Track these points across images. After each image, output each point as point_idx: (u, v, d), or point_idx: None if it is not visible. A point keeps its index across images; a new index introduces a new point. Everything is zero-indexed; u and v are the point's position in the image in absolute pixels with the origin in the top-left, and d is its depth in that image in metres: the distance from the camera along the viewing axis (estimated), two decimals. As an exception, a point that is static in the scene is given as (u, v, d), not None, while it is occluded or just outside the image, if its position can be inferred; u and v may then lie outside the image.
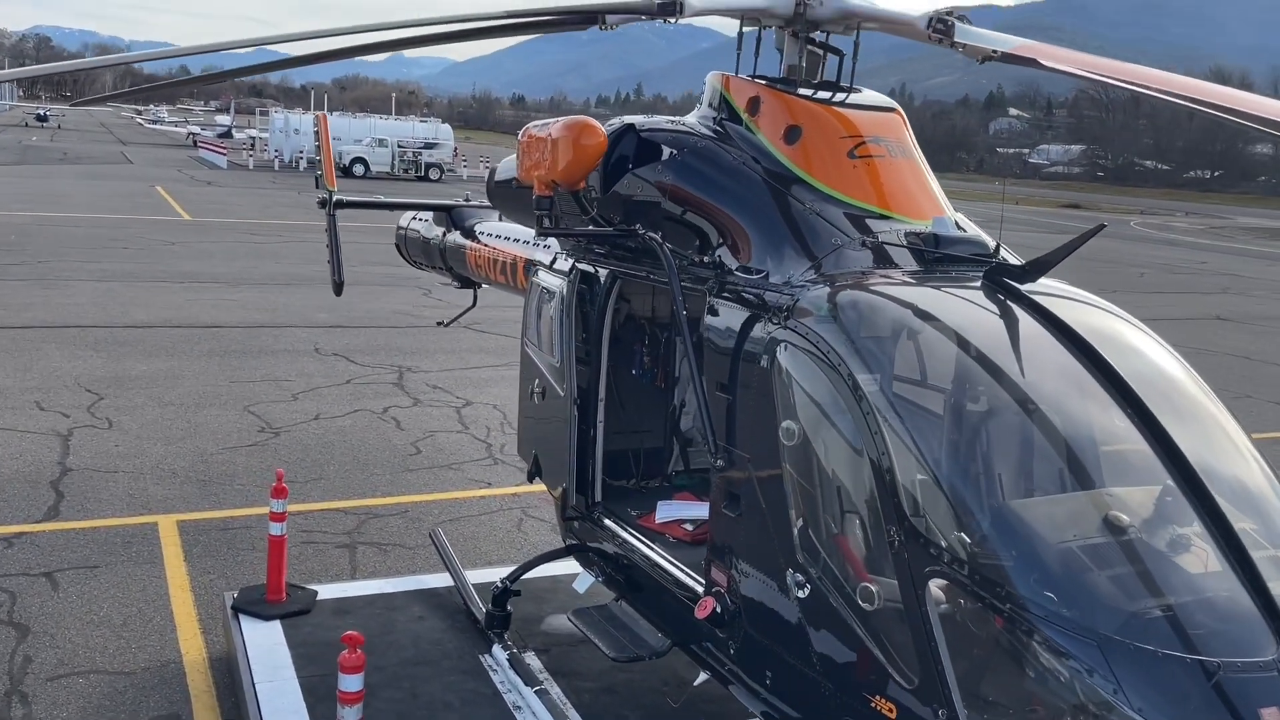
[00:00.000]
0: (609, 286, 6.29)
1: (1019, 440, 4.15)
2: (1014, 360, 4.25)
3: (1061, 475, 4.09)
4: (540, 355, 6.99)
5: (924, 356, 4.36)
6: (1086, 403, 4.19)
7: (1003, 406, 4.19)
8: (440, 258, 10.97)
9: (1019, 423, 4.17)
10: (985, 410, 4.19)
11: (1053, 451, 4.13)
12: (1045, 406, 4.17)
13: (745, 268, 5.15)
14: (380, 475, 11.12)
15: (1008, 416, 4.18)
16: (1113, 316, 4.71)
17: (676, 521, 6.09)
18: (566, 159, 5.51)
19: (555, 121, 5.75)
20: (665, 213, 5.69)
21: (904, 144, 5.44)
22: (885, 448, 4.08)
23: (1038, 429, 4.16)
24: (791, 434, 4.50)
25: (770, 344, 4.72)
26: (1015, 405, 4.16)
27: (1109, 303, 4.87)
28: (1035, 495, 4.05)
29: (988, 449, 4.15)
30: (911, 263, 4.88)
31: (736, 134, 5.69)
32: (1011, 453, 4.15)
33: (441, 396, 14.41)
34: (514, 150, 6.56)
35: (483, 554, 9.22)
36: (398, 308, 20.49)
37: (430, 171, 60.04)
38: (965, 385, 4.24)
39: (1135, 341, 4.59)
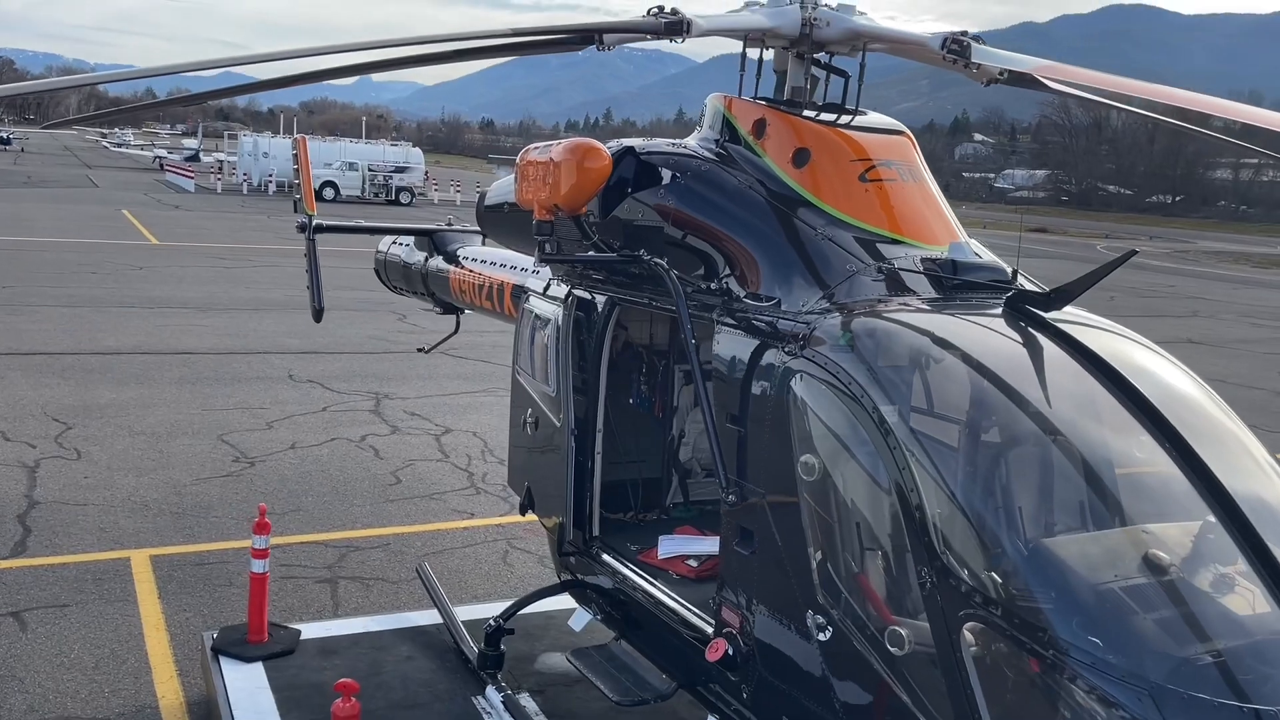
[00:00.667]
0: (607, 313, 6.10)
1: (1054, 474, 3.98)
2: (1045, 391, 4.10)
3: (1099, 510, 3.93)
4: (534, 384, 6.78)
5: (951, 388, 4.19)
6: (1121, 435, 4.04)
7: (1036, 439, 4.03)
8: (422, 283, 10.75)
9: (1053, 456, 4.00)
10: (1018, 443, 4.03)
11: (1089, 486, 3.97)
12: (1079, 439, 4.02)
13: (754, 294, 4.98)
14: (360, 506, 10.83)
15: (1041, 450, 4.02)
16: (1138, 345, 4.57)
17: (679, 557, 5.88)
18: (569, 183, 5.32)
19: (557, 144, 5.57)
20: (669, 238, 5.51)
21: (914, 167, 5.30)
22: (914, 483, 3.90)
23: (1072, 462, 3.99)
24: (811, 468, 4.32)
25: (785, 374, 4.54)
26: (1048, 438, 4.00)
27: (1130, 330, 4.74)
28: (1073, 532, 3.88)
29: (1022, 484, 3.98)
30: (929, 290, 4.73)
31: (741, 157, 5.54)
32: (1047, 488, 3.98)
33: (420, 424, 14.13)
34: (487, 175, 6.39)
35: (469, 588, 8.96)
36: (372, 333, 20.19)
37: (401, 195, 59.67)
38: (996, 417, 4.08)
39: (1163, 371, 4.45)
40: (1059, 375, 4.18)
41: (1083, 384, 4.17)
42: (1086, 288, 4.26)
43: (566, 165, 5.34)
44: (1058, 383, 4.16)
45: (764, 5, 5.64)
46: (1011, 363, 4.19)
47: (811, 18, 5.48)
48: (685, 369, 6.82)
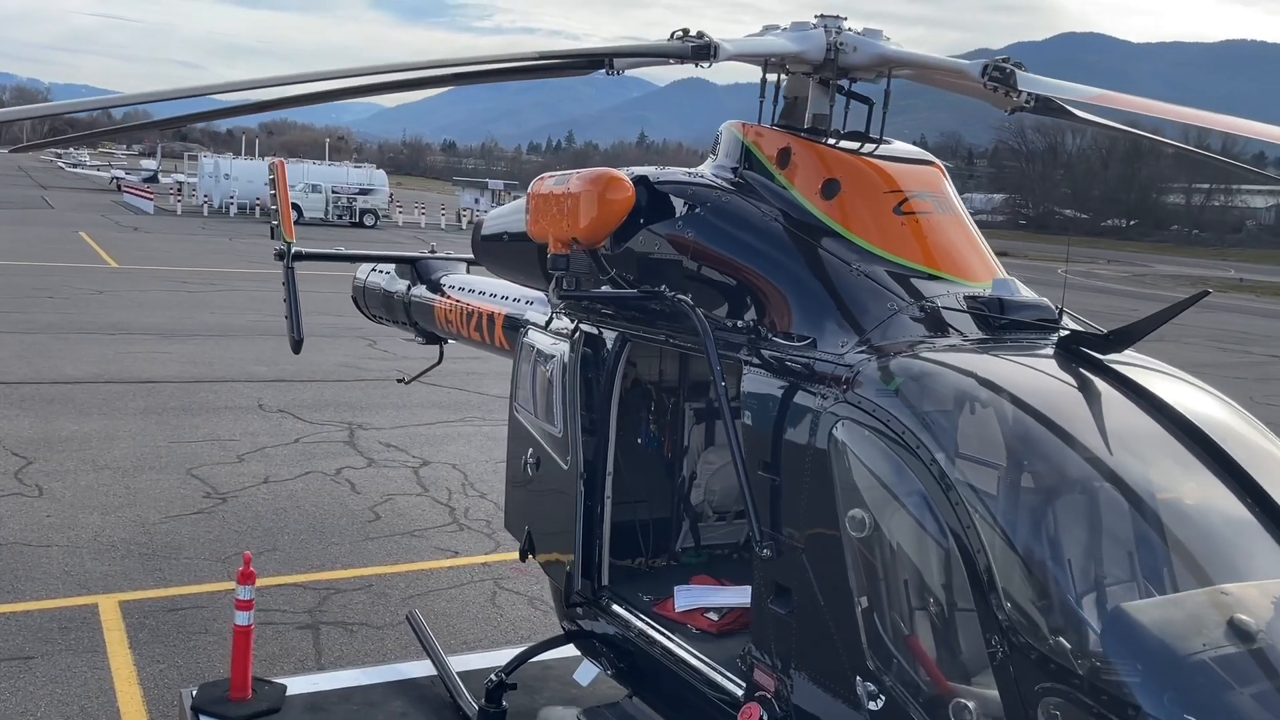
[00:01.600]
0: (618, 350, 5.79)
1: (1131, 531, 3.72)
2: (1114, 440, 3.84)
3: (1182, 569, 3.67)
4: (536, 423, 6.44)
5: (1014, 437, 3.92)
6: (1196, 486, 3.79)
7: (1110, 493, 3.76)
8: (404, 312, 10.38)
9: (1129, 511, 3.74)
10: (1092, 497, 3.76)
11: (1169, 542, 3.71)
12: (1154, 492, 3.76)
13: (785, 333, 4.70)
14: (339, 545, 10.39)
15: (1117, 504, 3.75)
16: (1197, 388, 4.34)
17: (698, 610, 5.55)
18: (590, 215, 5.02)
19: (575, 174, 5.27)
20: (689, 272, 5.22)
21: (948, 199, 5.06)
22: (980, 541, 3.62)
23: (1149, 517, 3.73)
24: (860, 523, 4.02)
25: (826, 420, 4.25)
26: (1123, 491, 3.74)
27: (1184, 372, 4.51)
28: (1157, 593, 3.61)
29: (1099, 541, 3.72)
30: (974, 330, 4.47)
31: (764, 188, 5.26)
32: (1125, 545, 3.72)
33: (396, 456, 13.70)
34: (451, 198, 6.07)
35: (458, 633, 8.57)
36: (342, 360, 19.71)
37: (365, 218, 59.04)
38: (1066, 469, 3.81)
39: (1227, 416, 4.21)
40: (1126, 422, 3.94)
41: (1151, 432, 3.93)
42: (1150, 330, 4.02)
43: (587, 196, 5.03)
44: (1125, 431, 3.92)
45: (786, 29, 5.39)
46: (1077, 410, 3.94)
47: (836, 42, 5.24)
48: (696, 407, 6.52)
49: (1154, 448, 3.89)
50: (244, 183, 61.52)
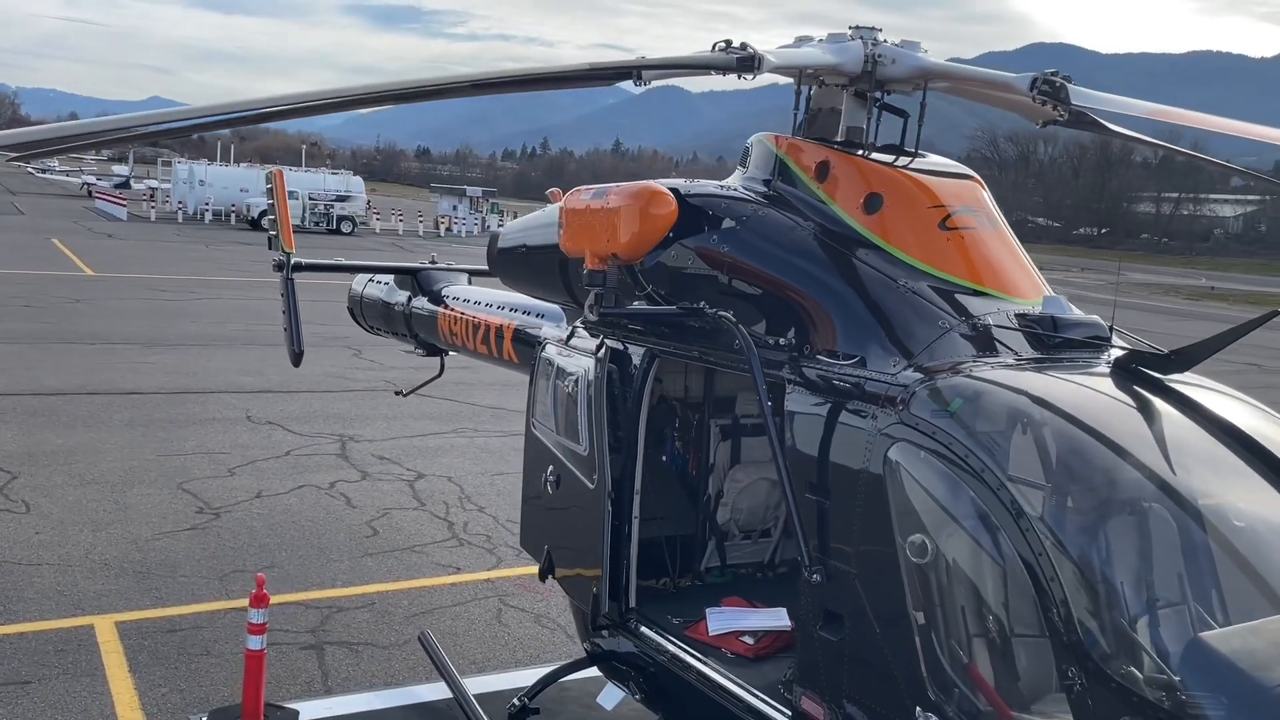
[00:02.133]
0: (646, 366, 5.66)
1: (1209, 558, 3.63)
2: (1185, 465, 3.76)
3: (1259, 595, 3.58)
4: (558, 441, 6.30)
5: (1083, 461, 3.83)
6: (1272, 512, 3.71)
7: (1185, 519, 3.67)
8: (405, 324, 10.22)
9: (1206, 538, 3.65)
10: (1167, 522, 3.67)
11: (1246, 567, 3.62)
12: (1231, 518, 3.68)
13: (831, 351, 4.59)
14: (338, 562, 10.18)
15: (1192, 531, 3.66)
16: (1260, 410, 4.26)
17: (733, 634, 5.42)
18: (631, 230, 4.89)
19: (614, 188, 5.13)
20: (729, 288, 5.10)
21: (991, 214, 4.98)
22: (1054, 570, 3.52)
23: (1226, 544, 3.65)
24: (922, 549, 3.91)
25: (880, 442, 4.14)
26: (1199, 518, 3.66)
27: (1239, 392, 4.43)
28: (1235, 621, 3.52)
29: (1177, 568, 3.62)
30: (1027, 348, 4.38)
31: (802, 202, 5.16)
32: (1204, 573, 3.63)
33: (391, 469, 13.48)
34: (429, 205, 5.88)
35: (465, 653, 8.38)
36: (328, 370, 19.43)
37: (342, 225, 58.55)
38: (1137, 494, 3.72)
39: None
40: (1194, 445, 3.86)
41: (1220, 455, 3.86)
42: (1215, 351, 3.94)
43: (628, 211, 4.90)
44: (1194, 453, 3.84)
45: (823, 40, 5.30)
46: (1144, 433, 3.85)
47: (874, 54, 5.15)
48: (722, 423, 6.40)
49: (1225, 471, 3.81)
50: (219, 189, 60.88)
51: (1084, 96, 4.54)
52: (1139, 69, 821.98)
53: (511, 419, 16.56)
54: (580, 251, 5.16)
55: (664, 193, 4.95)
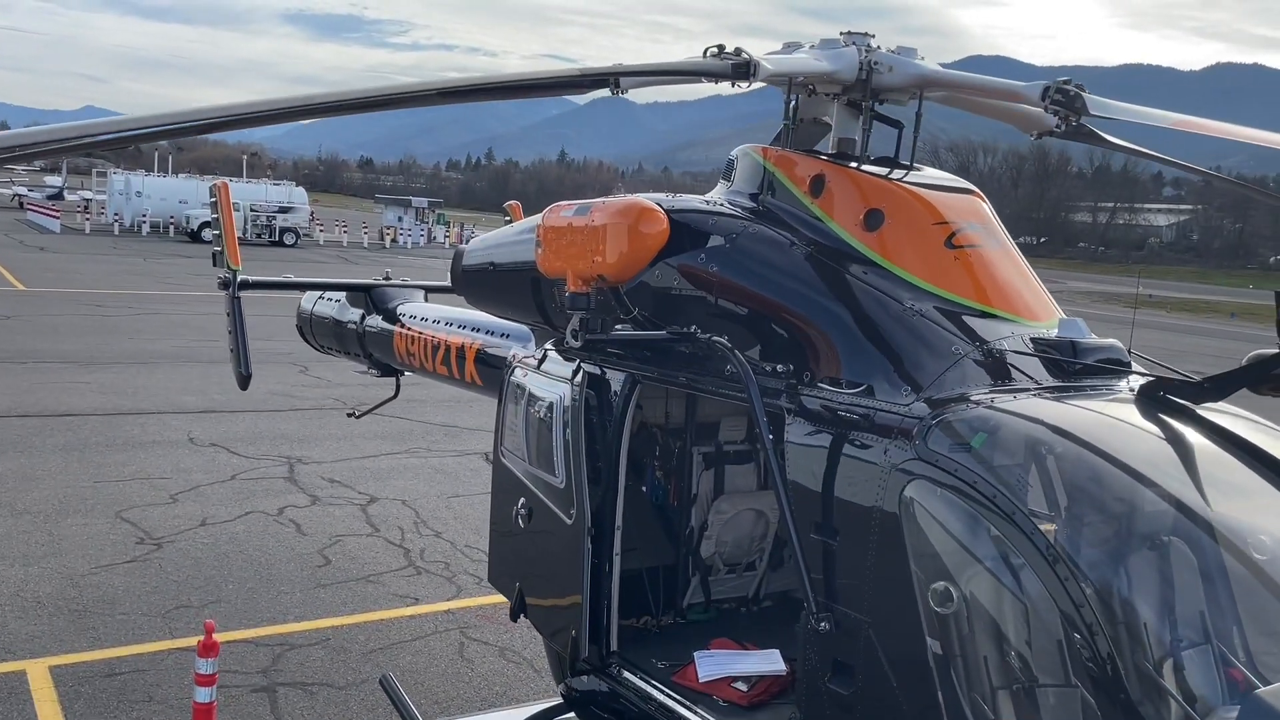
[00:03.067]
0: (627, 393, 5.30)
1: (1264, 603, 3.36)
2: (1230, 502, 3.51)
3: None
4: (530, 472, 5.91)
5: (1124, 501, 3.55)
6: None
7: (1239, 562, 3.40)
8: (358, 343, 9.75)
9: (1259, 582, 3.38)
10: (1217, 567, 3.40)
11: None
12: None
13: (834, 379, 4.27)
14: (289, 594, 9.67)
15: (1247, 574, 3.39)
16: (1275, 432, 4.01)
17: (725, 679, 5.07)
18: (619, 250, 4.53)
19: (599, 204, 4.77)
20: (720, 311, 4.77)
21: (996, 231, 4.70)
22: (1096, 621, 3.23)
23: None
24: (946, 597, 3.60)
25: (895, 480, 3.82)
26: (1251, 559, 3.39)
27: (1269, 421, 4.19)
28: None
29: (1232, 618, 3.36)
30: (1046, 376, 4.09)
31: (795, 219, 4.85)
32: (1258, 619, 3.36)
33: (341, 492, 12.96)
34: (373, 215, 5.47)
35: (428, 691, 7.94)
36: (273, 388, 18.79)
37: (285, 236, 57.41)
38: (1186, 536, 3.44)
39: None
40: (1236, 480, 3.61)
41: (1262, 489, 3.59)
42: (1251, 381, 3.68)
43: (616, 229, 4.54)
44: (1237, 489, 3.59)
45: (815, 47, 4.99)
46: (1184, 468, 3.58)
47: (870, 61, 4.86)
48: (704, 451, 6.06)
49: (1270, 508, 3.55)
50: (156, 200, 59.46)
51: (1102, 106, 4.28)
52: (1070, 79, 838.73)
53: (466, 437, 16.12)
54: (561, 273, 4.80)
55: (655, 210, 4.61)
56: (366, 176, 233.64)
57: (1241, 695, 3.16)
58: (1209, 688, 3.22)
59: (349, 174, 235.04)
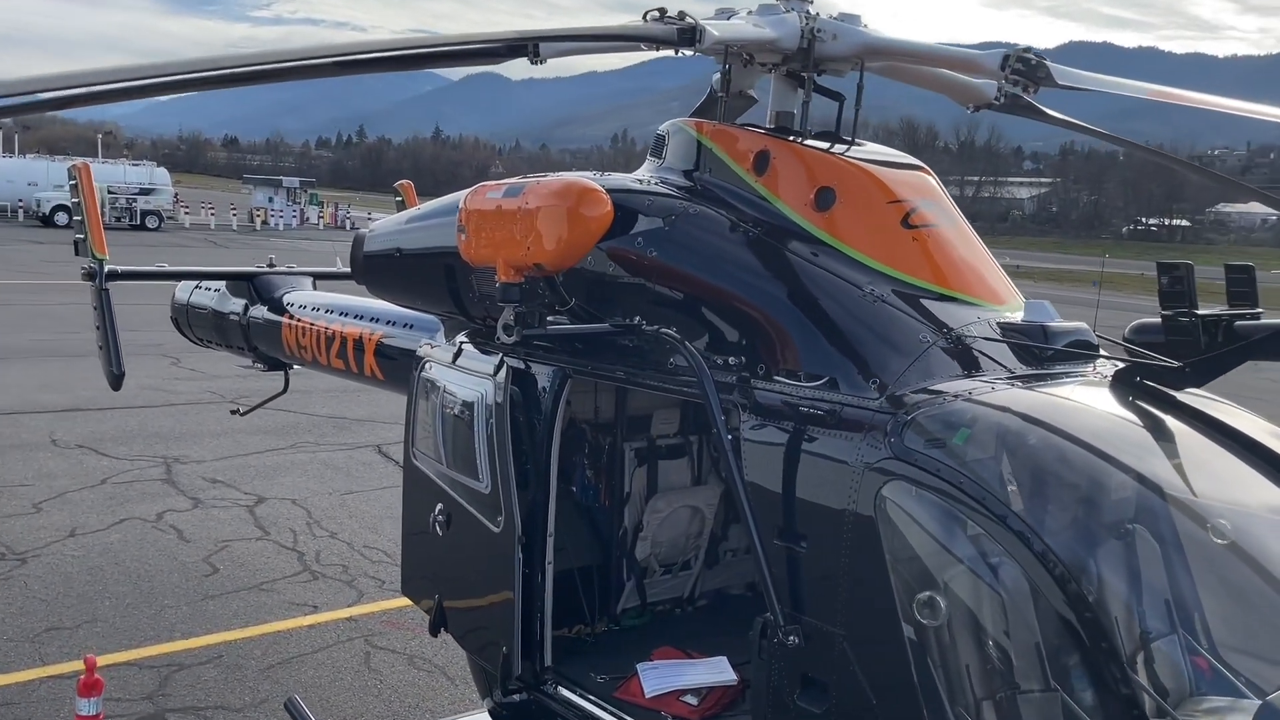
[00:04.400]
0: (557, 389, 4.90)
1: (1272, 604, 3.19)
2: (1229, 490, 3.33)
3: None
4: (448, 475, 5.46)
5: (1122, 498, 3.33)
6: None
7: (1241, 563, 3.22)
8: (241, 336, 9.07)
9: (1268, 582, 3.21)
10: (1228, 567, 3.21)
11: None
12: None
13: (793, 372, 3.96)
14: (174, 609, 8.95)
15: (1251, 576, 3.21)
16: (1257, 420, 3.88)
17: (673, 693, 4.74)
18: (559, 235, 4.10)
19: (532, 184, 4.32)
20: (663, 299, 4.40)
21: (950, 210, 4.45)
22: (1101, 628, 3.00)
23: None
24: (933, 609, 3.33)
25: (869, 481, 3.54)
26: (1258, 559, 3.21)
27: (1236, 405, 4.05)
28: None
29: (1246, 620, 3.17)
30: (1017, 363, 3.86)
31: (738, 198, 4.51)
32: (1269, 619, 3.19)
33: (226, 493, 12.17)
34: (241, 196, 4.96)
35: (335, 708, 7.42)
36: (144, 382, 17.64)
37: (148, 220, 54.57)
38: (1193, 535, 3.25)
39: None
40: (1233, 472, 3.43)
41: (1257, 480, 3.43)
42: (1234, 365, 3.50)
43: (554, 213, 4.11)
44: (1236, 481, 3.41)
45: (753, 13, 4.65)
46: (1178, 459, 3.39)
47: (812, 29, 4.54)
48: (636, 447, 5.70)
49: (1266, 500, 3.39)
50: (3, 182, 55.84)
51: (1069, 76, 4.05)
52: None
53: (356, 429, 15.42)
54: (489, 261, 4.35)
55: (596, 190, 4.19)
56: (232, 156, 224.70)
57: (1260, 704, 2.98)
58: (1219, 697, 3.03)
59: (213, 153, 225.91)
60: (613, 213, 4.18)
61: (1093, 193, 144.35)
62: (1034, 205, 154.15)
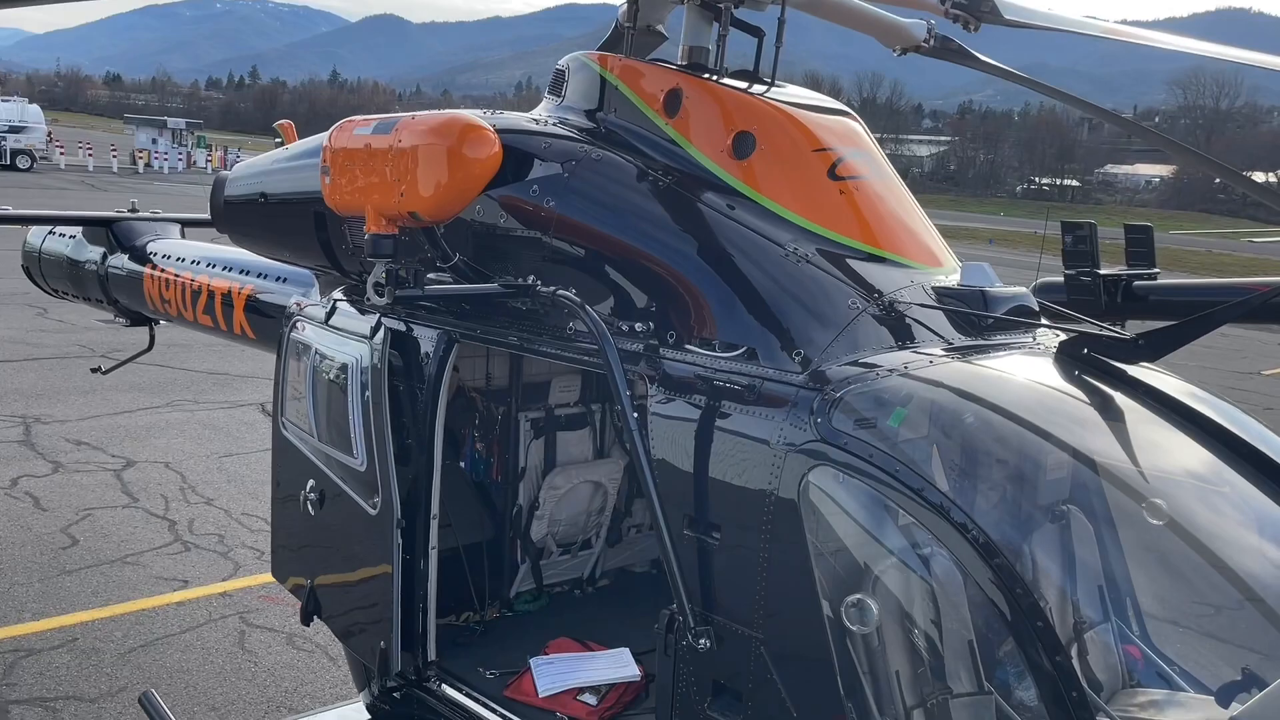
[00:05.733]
0: (442, 355, 4.36)
1: (1246, 598, 2.87)
2: (1195, 481, 2.99)
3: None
4: (320, 450, 4.89)
5: (1080, 489, 2.96)
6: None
7: (1213, 555, 2.89)
8: (99, 287, 8.26)
9: (1229, 581, 2.88)
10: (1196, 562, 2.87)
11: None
12: (1251, 558, 2.93)
13: (706, 340, 3.51)
14: (25, 586, 8.18)
15: (1224, 572, 2.89)
16: (1224, 404, 3.56)
17: (569, 692, 4.29)
18: (438, 180, 3.53)
19: (407, 121, 3.73)
20: (559, 256, 3.89)
21: (879, 161, 4.03)
22: (1050, 634, 2.64)
23: (1247, 588, 2.89)
24: (864, 614, 2.93)
25: (793, 465, 3.11)
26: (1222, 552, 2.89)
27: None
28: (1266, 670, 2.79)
29: (1220, 619, 2.85)
30: (954, 332, 3.47)
31: (647, 142, 4.01)
32: (1239, 615, 2.87)
33: (92, 456, 11.29)
34: (122, 136, 4.35)
35: (203, 695, 6.81)
36: (7, 335, 16.45)
37: (19, 159, 51.35)
38: (1157, 528, 2.90)
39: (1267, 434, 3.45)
40: (1195, 457, 3.09)
41: (1218, 465, 3.10)
42: (1191, 338, 3.16)
43: (433, 153, 3.53)
44: (1199, 467, 3.08)
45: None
46: (1141, 443, 3.04)
47: None
48: (533, 417, 5.20)
49: (1229, 486, 3.06)
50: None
51: (1017, 10, 3.63)
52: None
53: (239, 386, 14.56)
54: (357, 209, 3.77)
55: (481, 128, 3.63)
56: (115, 94, 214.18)
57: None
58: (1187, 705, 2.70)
59: (94, 91, 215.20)
60: (501, 154, 3.64)
61: (989, 152, 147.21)
62: (933, 163, 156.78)
